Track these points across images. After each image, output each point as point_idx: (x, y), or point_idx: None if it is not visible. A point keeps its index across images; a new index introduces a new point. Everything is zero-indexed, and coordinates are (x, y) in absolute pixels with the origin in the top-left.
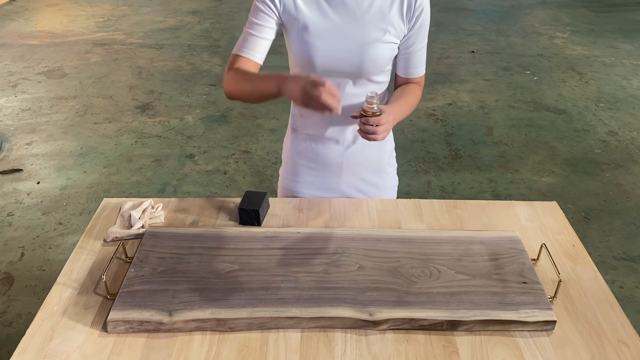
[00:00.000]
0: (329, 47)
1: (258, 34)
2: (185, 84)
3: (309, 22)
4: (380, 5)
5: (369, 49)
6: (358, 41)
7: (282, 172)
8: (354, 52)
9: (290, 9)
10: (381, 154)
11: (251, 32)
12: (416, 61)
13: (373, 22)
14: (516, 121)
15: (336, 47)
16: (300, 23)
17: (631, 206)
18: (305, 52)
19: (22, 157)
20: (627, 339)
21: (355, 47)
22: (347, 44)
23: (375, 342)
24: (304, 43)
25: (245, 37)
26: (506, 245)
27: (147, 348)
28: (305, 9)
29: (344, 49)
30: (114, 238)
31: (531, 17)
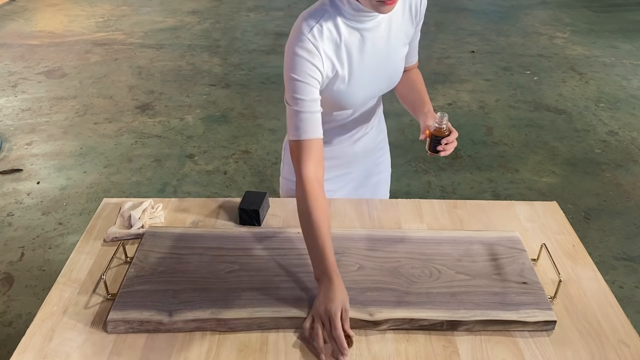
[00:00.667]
0: (364, 88)
1: (311, 109)
2: (185, 84)
3: (345, 75)
4: (396, 24)
5: (398, 69)
6: (390, 68)
7: (290, 177)
8: (386, 79)
9: (327, 69)
10: (383, 134)
11: (303, 111)
12: (413, 50)
13: (396, 44)
14: (516, 121)
15: (371, 84)
16: (337, 77)
17: (631, 206)
18: (341, 100)
19: (22, 157)
20: (627, 339)
21: (388, 74)
22: (381, 77)
23: (375, 342)
24: (340, 94)
25: (300, 118)
26: (506, 245)
27: (147, 348)
28: (338, 62)
29: (379, 82)
30: (114, 238)
31: (531, 17)
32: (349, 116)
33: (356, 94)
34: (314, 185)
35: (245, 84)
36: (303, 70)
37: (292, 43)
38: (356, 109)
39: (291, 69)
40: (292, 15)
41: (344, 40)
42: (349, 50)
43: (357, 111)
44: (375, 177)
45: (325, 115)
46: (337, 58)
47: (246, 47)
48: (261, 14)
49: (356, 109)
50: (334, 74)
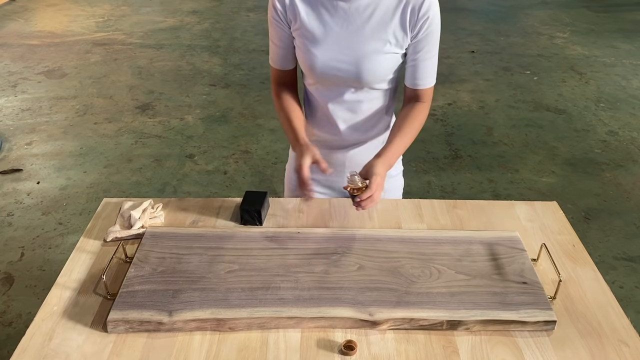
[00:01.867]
0: (326, 57)
1: (279, 44)
2: (185, 84)
3: (309, 30)
4: (382, 16)
5: (367, 60)
6: (356, 52)
7: (289, 167)
8: (351, 62)
9: (292, 16)
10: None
11: (274, 43)
12: (423, 71)
13: (373, 32)
14: (516, 121)
15: (334, 57)
16: (302, 31)
17: (631, 206)
18: (306, 59)
19: (22, 157)
20: (627, 339)
21: (353, 57)
22: (345, 55)
23: (375, 342)
24: (305, 51)
25: (271, 50)
26: (506, 245)
27: (147, 348)
28: (306, 17)
29: (342, 59)
30: (114, 238)
31: (531, 17)
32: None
33: (318, 55)
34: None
35: (245, 84)
36: (270, 9)
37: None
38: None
39: (268, 6)
40: None
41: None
42: (319, 9)
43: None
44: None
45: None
46: (304, 10)
47: (246, 47)
48: (261, 14)
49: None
50: (298, 22)
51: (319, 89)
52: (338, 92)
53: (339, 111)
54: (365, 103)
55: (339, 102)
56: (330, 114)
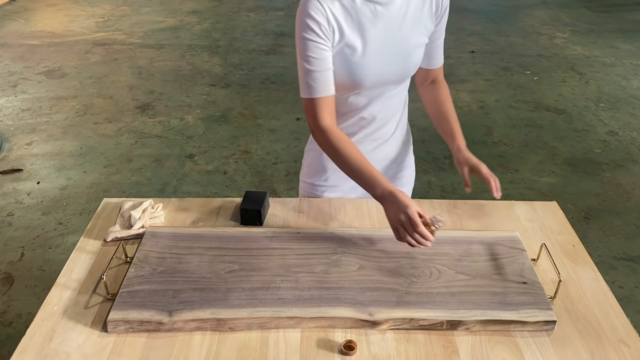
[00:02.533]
0: (376, 64)
1: (322, 68)
2: (185, 84)
3: (354, 43)
4: (414, 11)
5: (412, 56)
6: (402, 52)
7: (308, 179)
8: (400, 62)
9: (336, 33)
10: (408, 147)
11: (314, 69)
12: (438, 52)
13: (411, 28)
14: (516, 121)
15: (383, 63)
16: (346, 45)
17: (631, 206)
18: (352, 73)
19: (22, 157)
20: (627, 339)
21: (400, 57)
22: (393, 57)
23: (375, 342)
24: (351, 64)
25: (312, 77)
26: (506, 245)
27: (147, 348)
28: (348, 30)
29: (391, 62)
30: (114, 238)
31: (531, 17)
32: (364, 106)
33: (368, 67)
34: (334, 130)
35: (245, 84)
36: (311, 28)
37: (303, 4)
38: (371, 96)
39: (301, 29)
40: (292, 15)
41: (355, 8)
42: (360, 20)
43: (373, 101)
44: None
45: (341, 104)
46: (346, 24)
47: (246, 47)
48: (261, 14)
49: (371, 96)
50: (342, 39)
51: (357, 96)
52: (378, 94)
53: (376, 111)
54: (397, 96)
55: (377, 103)
56: (366, 115)
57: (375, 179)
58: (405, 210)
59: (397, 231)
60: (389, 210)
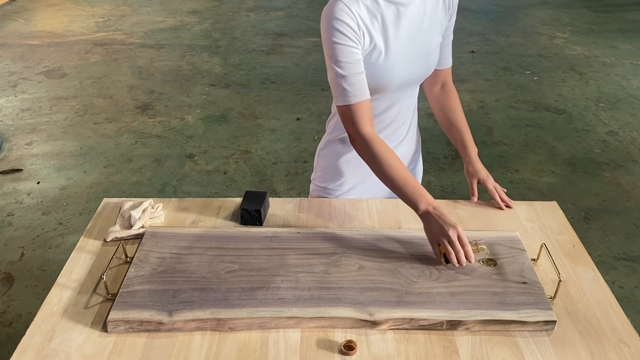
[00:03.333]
0: (401, 66)
1: (356, 71)
2: (185, 84)
3: (381, 47)
4: (430, 9)
5: (432, 55)
6: (424, 50)
7: (322, 183)
8: (421, 62)
9: (365, 38)
10: (417, 146)
11: (349, 74)
12: (447, 52)
13: (430, 27)
14: (516, 121)
15: (408, 63)
16: (374, 49)
17: (631, 206)
18: (380, 76)
19: (22, 157)
20: (627, 339)
21: (423, 56)
22: (416, 58)
23: (375, 342)
24: (379, 68)
25: (347, 82)
26: (506, 245)
27: (147, 348)
28: (375, 34)
29: (414, 63)
30: (114, 238)
31: (531, 17)
32: (384, 109)
33: (393, 69)
34: (376, 138)
35: (245, 84)
36: (342, 32)
37: (329, 9)
38: (392, 100)
39: (330, 34)
40: (292, 15)
41: (380, 11)
42: (385, 22)
43: (393, 104)
44: None
45: None
46: (372, 27)
47: (246, 47)
48: (261, 14)
49: (392, 100)
50: (370, 42)
51: (379, 99)
52: (398, 96)
53: (397, 111)
54: (411, 97)
55: (394, 105)
56: (388, 116)
57: (420, 194)
58: (455, 226)
59: (439, 246)
60: (434, 225)
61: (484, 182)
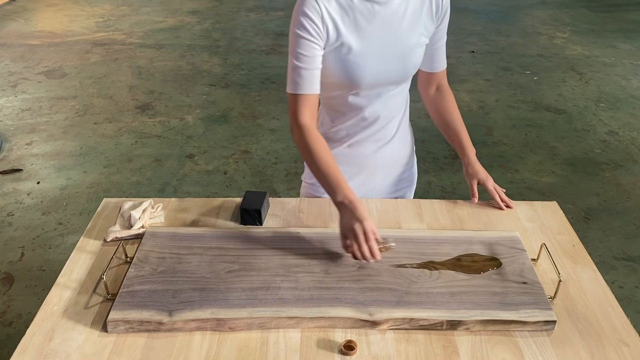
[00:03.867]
0: (374, 64)
1: (309, 66)
2: (185, 84)
3: (351, 42)
4: (413, 11)
5: (410, 56)
6: (400, 51)
7: (310, 180)
8: (397, 62)
9: (332, 31)
10: (410, 147)
11: (302, 66)
12: (440, 55)
13: (410, 28)
14: (516, 121)
15: (381, 62)
16: (343, 44)
17: (631, 206)
18: (350, 72)
19: (22, 157)
20: (627, 339)
21: (398, 57)
22: (391, 57)
23: (375, 342)
24: (348, 64)
25: (298, 73)
26: (506, 245)
27: (147, 348)
28: (344, 29)
29: (388, 62)
30: (114, 238)
31: (531, 17)
32: (365, 106)
33: (364, 66)
34: (310, 129)
35: (245, 84)
36: (304, 26)
37: (299, 0)
38: (371, 97)
39: (294, 24)
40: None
41: (352, 7)
42: (357, 18)
43: (373, 102)
44: (396, 194)
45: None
46: (342, 22)
47: (246, 47)
48: (261, 14)
49: (371, 97)
50: (337, 37)
51: (356, 96)
52: (377, 93)
53: (376, 111)
54: (397, 96)
55: (376, 103)
56: (367, 116)
57: (340, 184)
58: (362, 221)
59: (346, 239)
60: (345, 217)
61: (483, 183)
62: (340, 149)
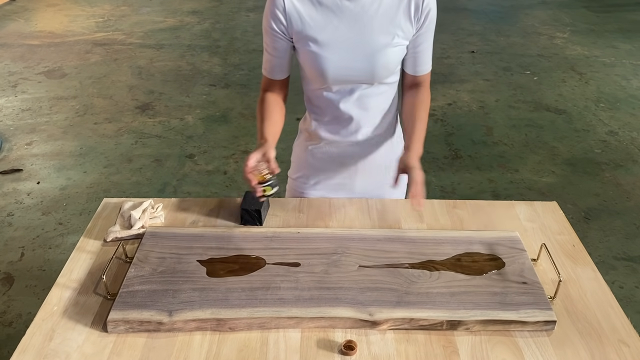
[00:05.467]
0: (338, 58)
1: (274, 54)
2: (185, 84)
3: (316, 34)
4: (387, 9)
5: (379, 56)
6: (368, 49)
7: (293, 175)
8: (364, 60)
9: (296, 23)
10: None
11: (268, 53)
12: (424, 58)
13: (381, 27)
14: (516, 121)
15: (346, 57)
16: (308, 36)
17: (631, 206)
18: (316, 64)
19: (22, 157)
20: (627, 339)
21: (366, 55)
22: (357, 53)
23: (375, 342)
24: (313, 55)
25: (265, 58)
26: (506, 245)
27: (147, 348)
28: (310, 21)
29: (355, 58)
30: (114, 238)
31: (531, 17)
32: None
33: (328, 59)
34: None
35: (245, 84)
36: (267, 18)
37: None
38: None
39: (264, 13)
40: None
41: (321, 1)
42: (325, 12)
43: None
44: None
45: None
46: (308, 15)
47: (246, 47)
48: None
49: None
50: (302, 28)
51: (329, 92)
52: (349, 90)
53: (350, 109)
54: (374, 97)
55: (349, 101)
56: (342, 113)
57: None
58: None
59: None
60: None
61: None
62: (320, 146)
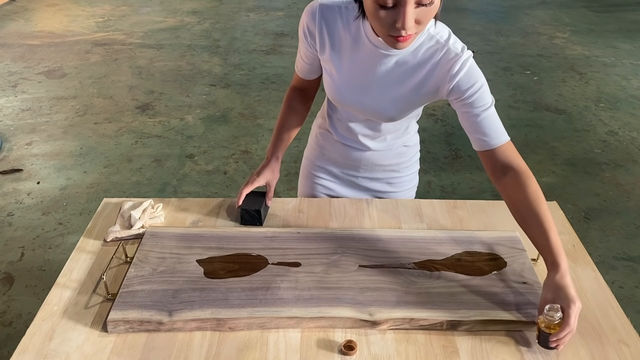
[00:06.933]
0: (349, 93)
1: (305, 59)
2: (185, 84)
3: (334, 64)
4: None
5: (388, 106)
6: (377, 94)
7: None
8: (372, 104)
9: (321, 47)
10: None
11: (300, 55)
12: (483, 129)
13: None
14: (516, 121)
15: (356, 95)
16: (327, 63)
17: (631, 206)
18: (329, 88)
19: (22, 157)
20: (627, 339)
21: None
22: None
23: (375, 342)
24: (328, 80)
25: (297, 58)
26: (506, 245)
27: (147, 348)
28: (330, 51)
29: (362, 98)
30: (114, 238)
31: (531, 17)
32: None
33: (337, 89)
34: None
35: (245, 84)
36: (301, 26)
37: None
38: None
39: (300, 19)
40: (292, 16)
41: (344, 33)
42: (341, 46)
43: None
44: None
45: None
46: (329, 41)
47: (246, 47)
48: (261, 14)
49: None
50: (322, 51)
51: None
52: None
53: (359, 128)
54: (385, 124)
55: (359, 122)
56: (352, 129)
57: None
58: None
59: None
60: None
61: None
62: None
